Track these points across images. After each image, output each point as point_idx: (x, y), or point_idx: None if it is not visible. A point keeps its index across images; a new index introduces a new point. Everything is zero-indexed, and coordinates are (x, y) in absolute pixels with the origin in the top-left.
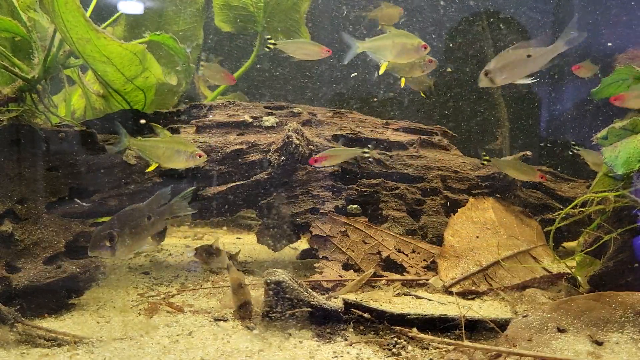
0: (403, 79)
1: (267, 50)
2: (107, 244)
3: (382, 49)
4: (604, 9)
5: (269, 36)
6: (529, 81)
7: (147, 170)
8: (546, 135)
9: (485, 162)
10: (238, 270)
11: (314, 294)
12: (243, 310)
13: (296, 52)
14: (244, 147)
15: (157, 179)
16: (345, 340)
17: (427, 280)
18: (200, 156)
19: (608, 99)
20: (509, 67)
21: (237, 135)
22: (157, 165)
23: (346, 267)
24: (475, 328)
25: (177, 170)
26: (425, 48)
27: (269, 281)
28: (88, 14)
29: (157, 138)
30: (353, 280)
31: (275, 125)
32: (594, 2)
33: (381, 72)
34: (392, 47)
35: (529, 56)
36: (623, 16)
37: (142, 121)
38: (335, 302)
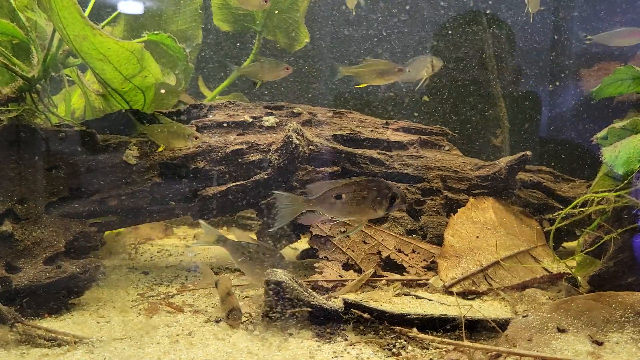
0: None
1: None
2: None
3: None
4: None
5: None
6: None
7: (158, 151)
8: (546, 135)
9: None
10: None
11: (314, 294)
12: (232, 316)
13: None
14: (244, 147)
15: (157, 178)
16: (345, 340)
17: (427, 280)
18: (196, 137)
19: (608, 99)
20: None
21: (237, 135)
22: (164, 147)
23: (346, 267)
24: (475, 328)
25: (176, 171)
26: None
27: (269, 281)
28: (87, 12)
29: (161, 124)
30: (353, 280)
31: (275, 125)
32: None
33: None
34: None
35: None
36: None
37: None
38: (335, 302)
